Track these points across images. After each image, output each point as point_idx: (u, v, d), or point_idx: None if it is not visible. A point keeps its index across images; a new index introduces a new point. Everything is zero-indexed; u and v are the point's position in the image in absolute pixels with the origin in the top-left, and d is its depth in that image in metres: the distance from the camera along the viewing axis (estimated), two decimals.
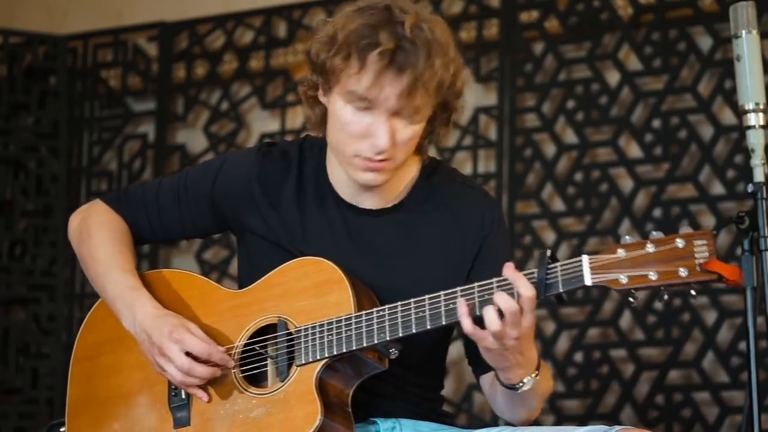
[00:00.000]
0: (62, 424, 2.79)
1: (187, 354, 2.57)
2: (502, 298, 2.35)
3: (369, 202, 2.68)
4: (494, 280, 2.39)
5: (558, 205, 4.74)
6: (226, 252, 5.20)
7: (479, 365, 2.61)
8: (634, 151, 4.65)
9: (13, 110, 5.47)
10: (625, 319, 4.59)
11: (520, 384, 2.46)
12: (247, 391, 2.58)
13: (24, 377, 5.30)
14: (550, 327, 4.68)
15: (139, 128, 5.51)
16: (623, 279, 2.30)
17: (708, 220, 4.46)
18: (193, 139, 5.40)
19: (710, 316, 4.47)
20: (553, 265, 2.35)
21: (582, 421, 4.49)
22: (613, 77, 4.71)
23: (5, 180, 5.43)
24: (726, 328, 4.45)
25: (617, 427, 2.43)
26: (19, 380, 5.30)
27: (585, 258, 2.32)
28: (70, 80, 5.53)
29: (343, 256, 2.60)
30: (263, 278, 2.64)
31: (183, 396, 2.63)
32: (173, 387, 2.64)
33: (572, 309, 4.67)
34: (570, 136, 4.76)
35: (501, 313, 2.35)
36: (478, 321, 2.38)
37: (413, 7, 2.54)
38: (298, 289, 2.59)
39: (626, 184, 4.64)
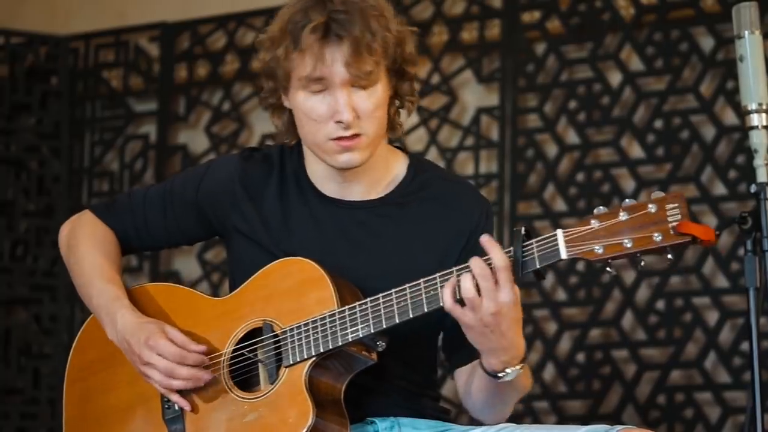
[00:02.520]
0: None
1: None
2: (475, 263, 2.36)
3: (353, 194, 2.67)
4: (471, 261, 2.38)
5: (560, 205, 4.74)
6: None
7: (454, 353, 2.62)
8: (636, 151, 4.65)
9: (14, 110, 5.47)
10: (627, 320, 4.59)
11: (503, 374, 2.44)
12: (238, 396, 2.57)
13: (25, 377, 5.30)
14: (552, 327, 4.67)
15: (141, 129, 5.51)
16: (598, 249, 2.29)
17: (710, 221, 4.46)
18: (195, 139, 5.40)
19: (712, 317, 4.47)
20: (528, 242, 2.35)
21: (584, 422, 4.47)
22: (615, 78, 4.71)
23: (7, 180, 5.43)
24: (728, 329, 4.45)
25: (619, 427, 2.42)
26: (21, 380, 5.30)
27: (560, 232, 2.32)
28: (71, 80, 5.53)
29: (330, 251, 2.60)
30: (246, 282, 2.63)
31: (176, 408, 2.62)
32: (166, 399, 2.63)
33: (574, 309, 4.66)
34: (572, 137, 4.76)
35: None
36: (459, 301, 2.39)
37: None
38: (281, 290, 2.58)
39: (628, 184, 4.64)
